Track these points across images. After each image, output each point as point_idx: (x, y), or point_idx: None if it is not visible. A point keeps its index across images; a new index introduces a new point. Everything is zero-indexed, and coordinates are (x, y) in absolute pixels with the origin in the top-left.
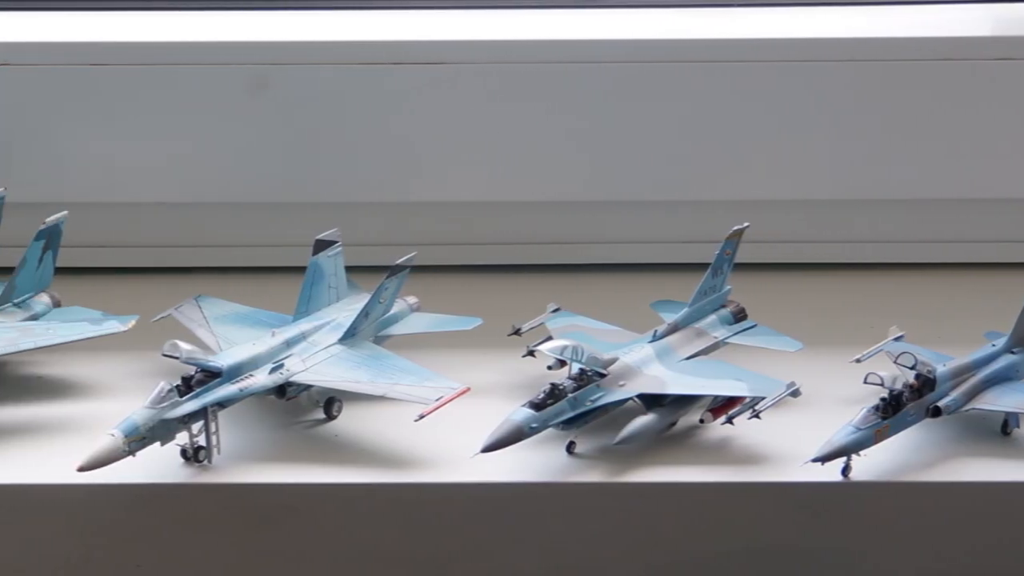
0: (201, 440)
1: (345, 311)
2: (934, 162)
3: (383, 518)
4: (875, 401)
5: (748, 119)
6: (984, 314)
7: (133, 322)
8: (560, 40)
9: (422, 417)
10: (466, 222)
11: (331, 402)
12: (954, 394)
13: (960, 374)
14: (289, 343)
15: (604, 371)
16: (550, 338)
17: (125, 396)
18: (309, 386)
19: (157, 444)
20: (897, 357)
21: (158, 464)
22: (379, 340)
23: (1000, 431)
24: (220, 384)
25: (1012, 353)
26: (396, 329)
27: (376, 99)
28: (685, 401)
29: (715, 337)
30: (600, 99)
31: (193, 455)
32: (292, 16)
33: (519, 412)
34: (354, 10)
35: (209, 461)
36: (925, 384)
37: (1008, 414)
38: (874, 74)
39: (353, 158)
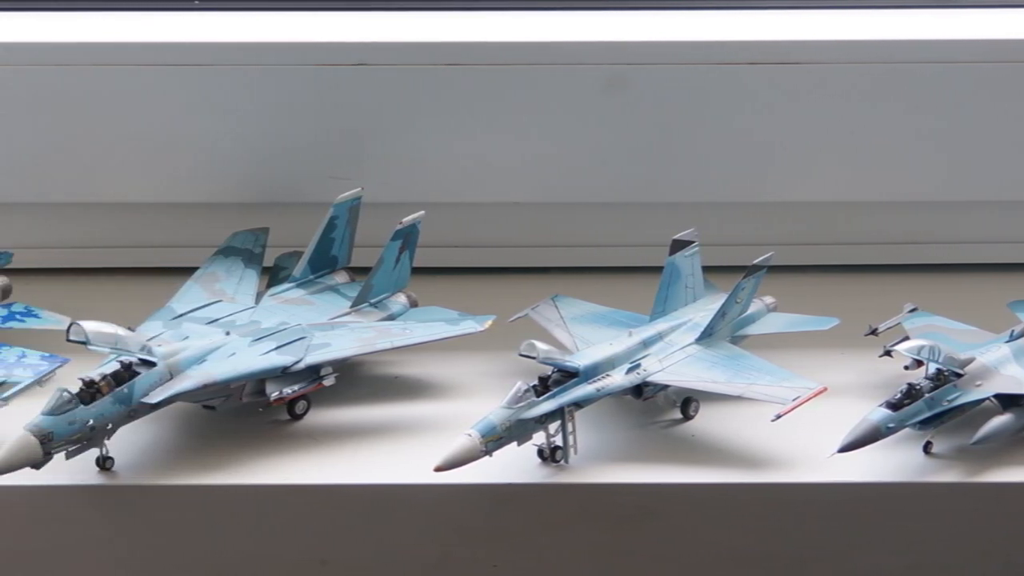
0: (558, 440)
1: (702, 311)
2: None
3: (740, 518)
4: None
5: None
6: None
7: (490, 322)
8: (915, 40)
9: (779, 417)
10: (823, 222)
11: (688, 402)
12: None
13: None
14: (646, 343)
15: (961, 371)
16: (907, 338)
17: (482, 396)
18: (666, 386)
19: (514, 444)
20: None
21: (515, 464)
22: (736, 340)
23: None
24: (577, 384)
25: None
26: (752, 329)
27: (733, 99)
28: None
29: None
30: (958, 98)
31: (550, 455)
32: (649, 16)
33: (876, 412)
34: (710, 10)
35: (566, 461)
36: None
37: None
38: None
39: (710, 158)
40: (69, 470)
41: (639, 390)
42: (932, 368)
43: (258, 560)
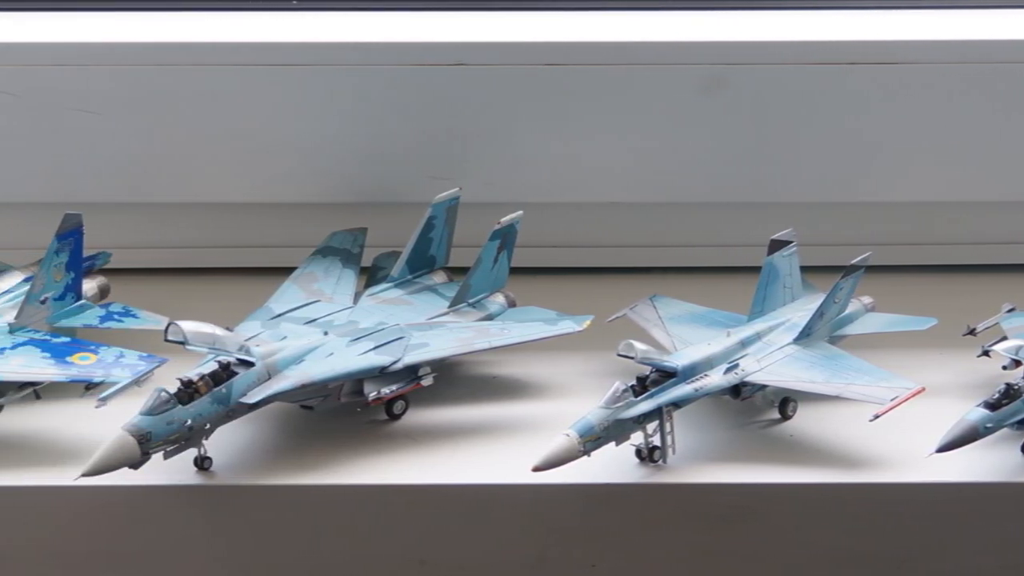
0: (656, 440)
1: (800, 311)
2: None
3: (838, 518)
4: None
5: None
6: None
7: (588, 322)
8: (1016, 40)
9: (877, 417)
10: (921, 222)
11: (786, 402)
12: None
13: None
14: (744, 343)
15: None
16: (1005, 338)
17: (580, 396)
18: (764, 386)
19: (612, 444)
20: None
21: (613, 464)
22: (833, 340)
23: None
24: (675, 384)
25: None
26: (850, 329)
27: (832, 99)
28: None
29: None
30: None
31: (648, 455)
32: (749, 16)
33: (974, 412)
34: (809, 10)
35: (664, 461)
36: None
37: None
38: None
39: (808, 158)
40: (167, 470)
41: (737, 390)
42: None
43: (356, 560)
